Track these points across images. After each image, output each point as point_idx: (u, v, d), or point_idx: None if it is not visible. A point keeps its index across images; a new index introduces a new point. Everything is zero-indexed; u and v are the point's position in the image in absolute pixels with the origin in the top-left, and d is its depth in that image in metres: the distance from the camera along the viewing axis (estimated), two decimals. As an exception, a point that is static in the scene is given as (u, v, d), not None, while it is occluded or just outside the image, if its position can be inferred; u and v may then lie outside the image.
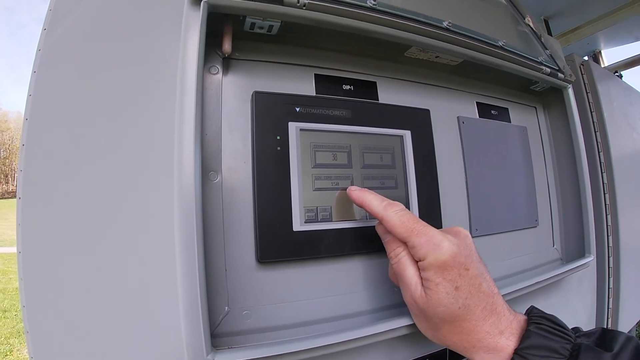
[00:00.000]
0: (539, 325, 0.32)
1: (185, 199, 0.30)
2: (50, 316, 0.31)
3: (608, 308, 0.80)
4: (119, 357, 0.30)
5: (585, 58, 0.92)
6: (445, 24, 0.46)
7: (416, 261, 0.34)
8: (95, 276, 0.31)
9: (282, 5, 0.36)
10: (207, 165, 0.37)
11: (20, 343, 3.39)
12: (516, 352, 0.30)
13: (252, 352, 0.30)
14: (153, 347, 0.31)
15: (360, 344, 0.35)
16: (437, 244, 0.32)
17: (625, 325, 0.84)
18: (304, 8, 0.36)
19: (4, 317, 3.94)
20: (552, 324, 0.32)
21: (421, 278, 0.34)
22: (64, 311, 0.31)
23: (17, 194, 0.32)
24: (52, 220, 0.32)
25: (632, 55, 1.48)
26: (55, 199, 0.32)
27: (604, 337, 0.32)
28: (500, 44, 0.53)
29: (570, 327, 0.33)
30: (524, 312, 0.35)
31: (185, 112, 0.31)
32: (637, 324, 0.93)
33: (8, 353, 3.19)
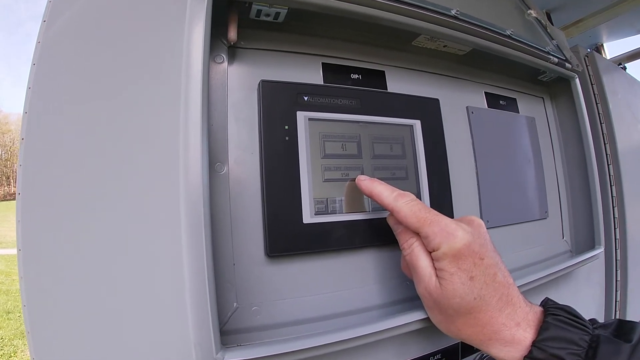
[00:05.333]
0: (556, 317, 0.31)
1: (192, 192, 0.29)
2: (52, 315, 0.30)
3: (616, 301, 0.79)
4: (124, 357, 0.29)
5: (588, 51, 0.91)
6: (453, 12, 0.46)
7: (429, 252, 0.33)
8: (99, 273, 0.30)
9: (290, -10, 0.35)
10: (214, 156, 0.36)
11: (24, 344, 3.39)
12: (534, 344, 0.30)
13: (262, 350, 0.29)
14: (160, 347, 0.30)
15: (373, 339, 0.34)
16: (451, 232, 0.32)
17: (633, 318, 0.83)
18: (312, -7, 0.35)
19: (8, 319, 3.94)
20: (569, 315, 0.31)
21: (435, 269, 0.33)
22: (66, 310, 0.30)
23: (16, 189, 0.31)
24: (53, 215, 0.31)
25: (634, 47, 1.47)
26: (57, 194, 0.31)
27: (622, 328, 0.31)
28: (508, 32, 0.52)
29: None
30: (539, 303, 0.34)
31: (191, 102, 0.30)
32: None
33: (12, 354, 3.19)
